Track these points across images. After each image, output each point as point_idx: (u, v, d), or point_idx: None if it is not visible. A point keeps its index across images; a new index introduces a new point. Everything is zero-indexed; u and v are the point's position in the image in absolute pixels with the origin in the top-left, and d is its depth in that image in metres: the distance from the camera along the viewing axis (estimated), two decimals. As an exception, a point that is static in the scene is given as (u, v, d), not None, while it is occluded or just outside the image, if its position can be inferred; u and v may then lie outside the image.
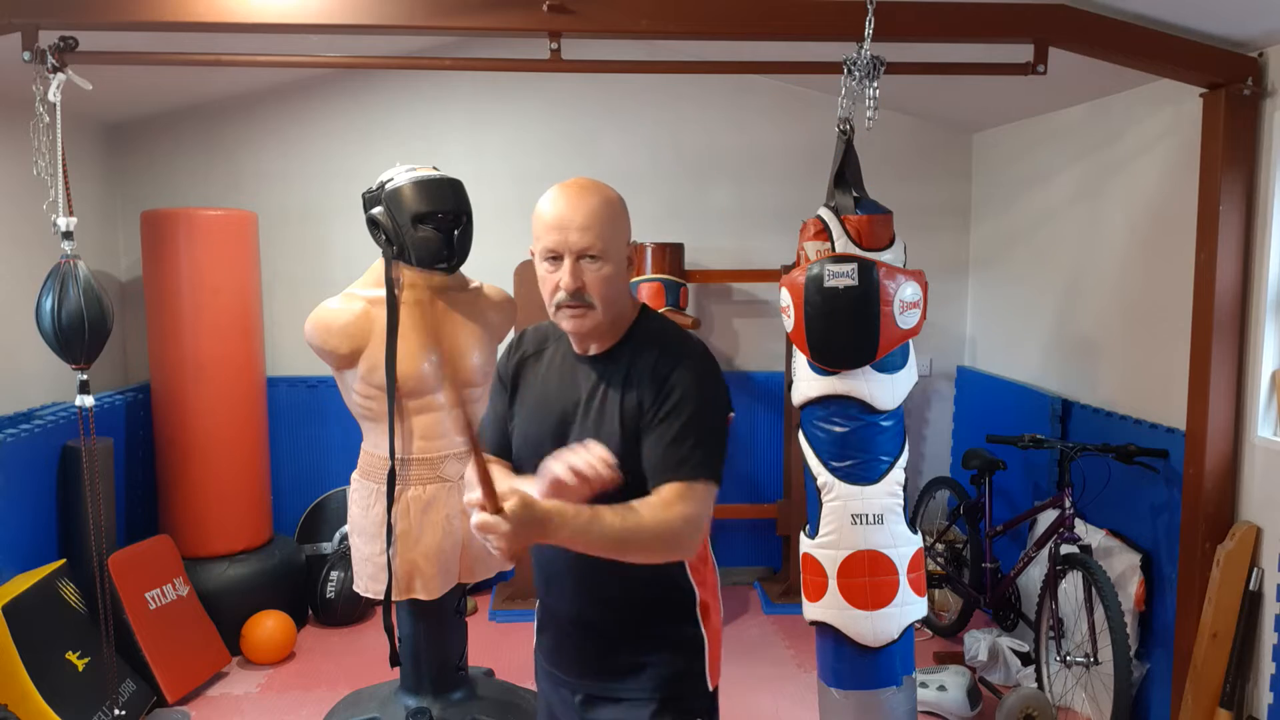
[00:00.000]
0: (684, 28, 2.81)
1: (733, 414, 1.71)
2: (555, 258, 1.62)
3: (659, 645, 1.70)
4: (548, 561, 1.73)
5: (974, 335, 4.99)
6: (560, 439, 1.65)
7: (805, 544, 2.73)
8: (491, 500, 1.37)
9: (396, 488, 2.90)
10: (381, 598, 2.94)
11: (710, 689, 1.74)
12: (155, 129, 4.62)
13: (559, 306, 1.64)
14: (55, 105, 2.65)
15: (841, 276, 2.55)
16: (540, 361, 1.78)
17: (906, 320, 2.61)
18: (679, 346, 1.68)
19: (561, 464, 1.48)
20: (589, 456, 1.48)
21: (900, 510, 2.67)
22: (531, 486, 1.50)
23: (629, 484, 1.56)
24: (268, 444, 4.36)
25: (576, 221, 1.60)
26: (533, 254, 1.69)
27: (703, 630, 1.72)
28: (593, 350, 1.70)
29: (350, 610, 4.32)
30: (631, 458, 1.60)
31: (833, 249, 2.62)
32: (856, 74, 2.69)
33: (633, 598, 1.69)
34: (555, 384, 1.72)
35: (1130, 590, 3.30)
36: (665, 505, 1.53)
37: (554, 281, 1.63)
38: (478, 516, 1.38)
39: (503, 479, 1.59)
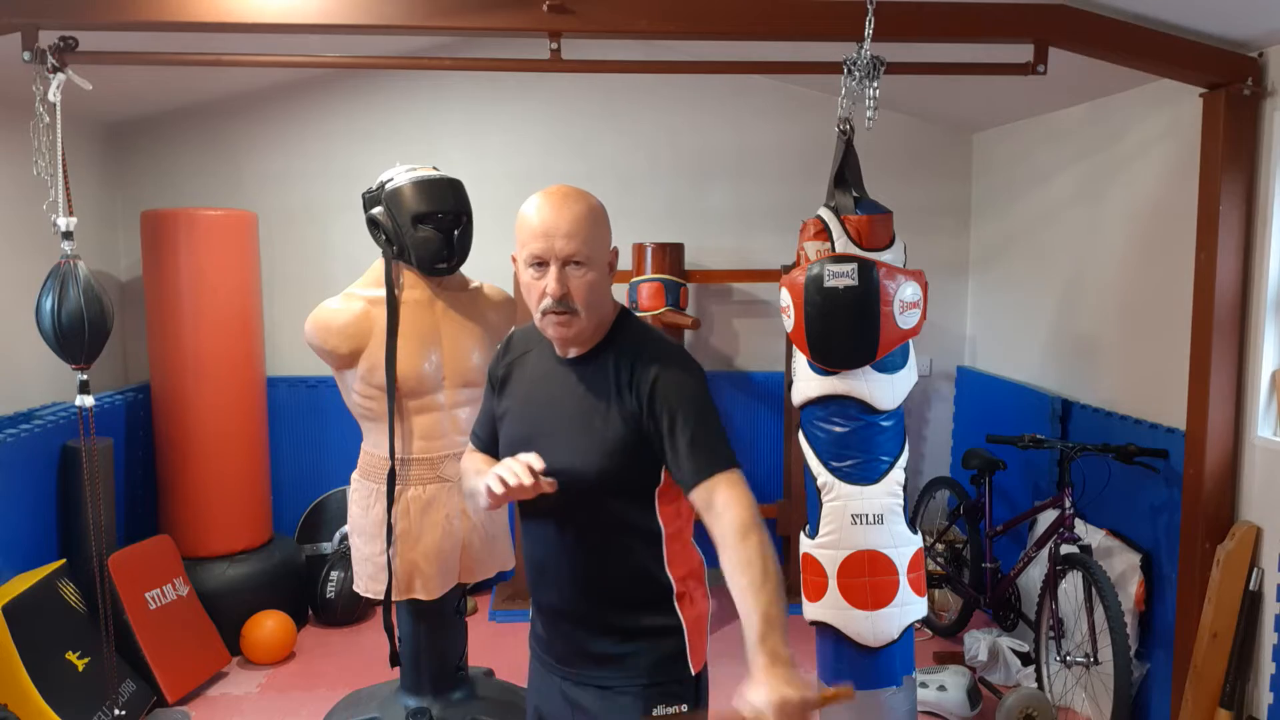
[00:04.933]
0: (684, 28, 2.81)
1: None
2: (541, 264, 1.65)
3: (640, 635, 1.75)
4: (539, 556, 1.78)
5: (974, 335, 4.99)
6: (543, 440, 1.70)
7: (805, 544, 2.73)
8: None
9: (396, 488, 2.90)
10: (381, 598, 2.94)
11: (693, 674, 1.78)
12: (155, 129, 4.62)
13: (545, 313, 1.66)
14: (55, 105, 2.65)
15: (841, 276, 2.55)
16: (526, 364, 1.82)
17: (906, 320, 2.61)
18: (659, 350, 1.72)
19: (492, 477, 1.60)
20: (514, 465, 1.59)
21: (900, 510, 2.67)
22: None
23: (619, 478, 1.68)
24: (268, 444, 4.36)
25: (562, 229, 1.63)
26: (514, 260, 1.72)
27: (681, 618, 1.76)
28: (573, 353, 1.74)
29: (350, 610, 4.32)
30: (621, 455, 1.67)
31: (833, 249, 2.62)
32: (856, 74, 2.69)
33: (615, 590, 1.74)
34: (540, 387, 1.77)
35: (1130, 590, 3.30)
36: (733, 505, 1.58)
37: (540, 288, 1.65)
38: None
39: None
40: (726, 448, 1.65)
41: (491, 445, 1.85)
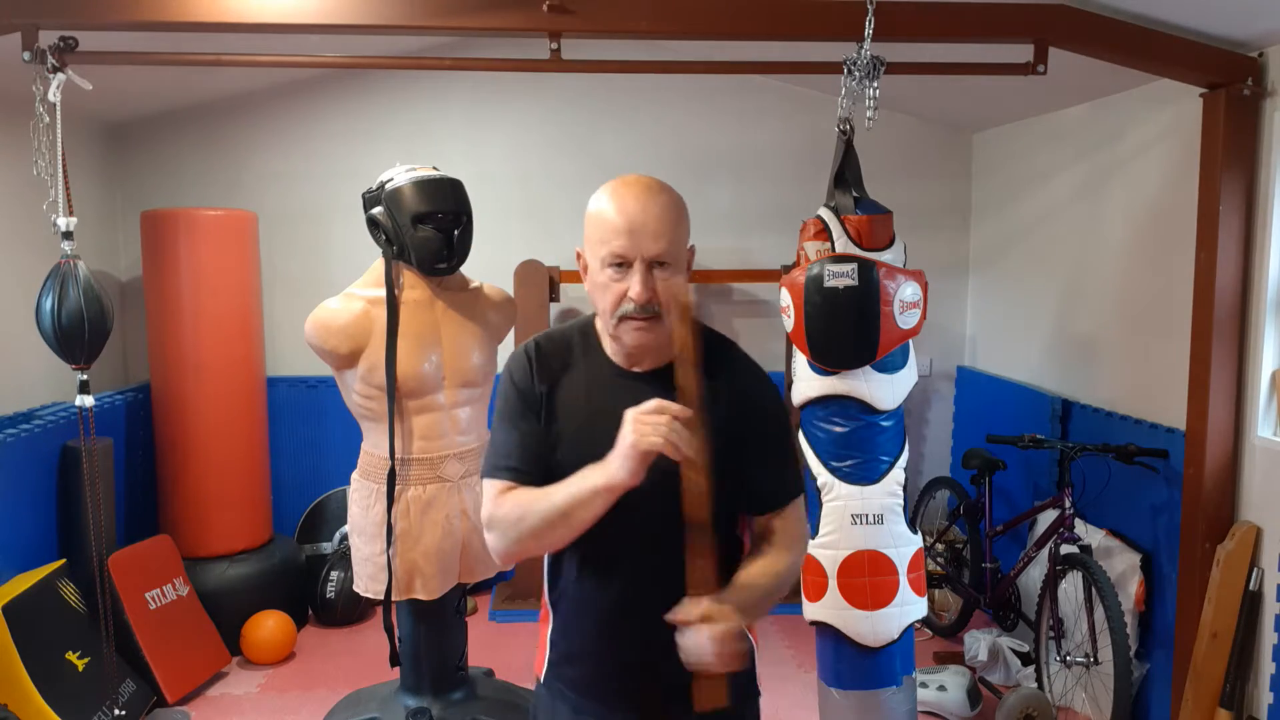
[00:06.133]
0: (684, 28, 2.81)
1: None
2: (621, 264, 1.48)
3: None
4: (613, 600, 1.57)
5: (974, 335, 4.99)
6: None
7: (805, 544, 2.73)
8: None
9: (396, 488, 2.90)
10: (381, 598, 2.94)
11: (760, 691, 1.72)
12: (155, 129, 4.62)
13: (624, 318, 1.49)
14: (55, 105, 2.65)
15: (841, 276, 2.55)
16: (574, 377, 1.58)
17: (906, 320, 2.61)
18: (744, 363, 1.66)
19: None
20: (665, 423, 1.36)
21: (900, 510, 2.67)
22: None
23: (719, 493, 1.46)
24: (268, 444, 4.36)
25: (650, 227, 1.47)
26: (579, 257, 1.56)
27: (750, 636, 1.63)
28: (643, 366, 1.56)
29: (350, 610, 4.32)
30: (718, 469, 1.46)
31: (833, 249, 2.62)
32: (856, 74, 2.69)
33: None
34: (608, 402, 1.49)
35: (1130, 590, 3.30)
36: (793, 527, 1.59)
37: (620, 290, 1.48)
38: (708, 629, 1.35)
39: None
40: (799, 471, 1.63)
41: (540, 472, 1.53)
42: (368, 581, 3.00)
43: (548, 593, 1.68)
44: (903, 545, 2.65)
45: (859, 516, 2.62)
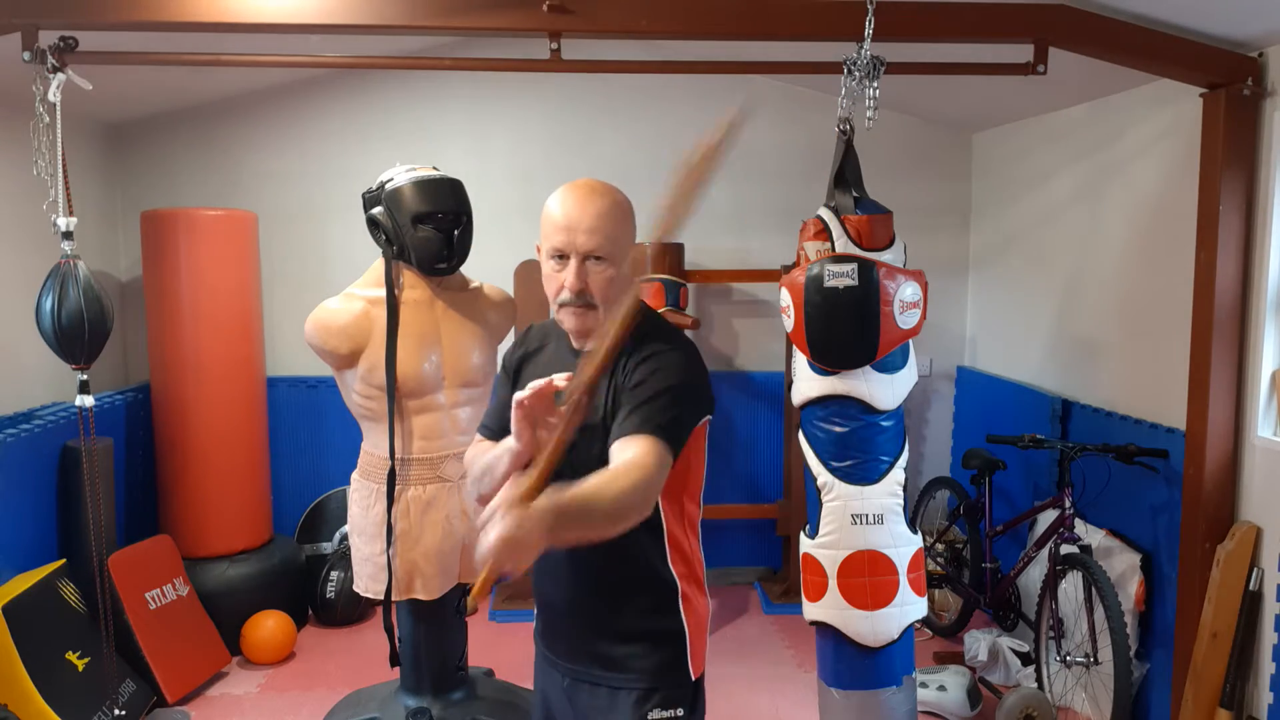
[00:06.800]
0: (684, 28, 2.81)
1: (710, 416, 1.72)
2: (561, 257, 1.67)
3: (641, 636, 1.74)
4: (542, 562, 1.70)
5: (974, 335, 4.99)
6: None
7: (805, 544, 2.73)
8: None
9: (396, 488, 2.90)
10: (381, 598, 2.95)
11: (692, 679, 1.76)
12: (155, 129, 4.62)
13: (562, 305, 1.69)
14: (55, 105, 2.65)
15: (841, 276, 2.55)
16: (541, 356, 1.82)
17: (906, 320, 2.61)
18: (668, 337, 1.72)
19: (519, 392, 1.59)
20: (536, 381, 1.58)
21: (900, 510, 2.67)
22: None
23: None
24: (268, 444, 4.36)
25: (584, 223, 1.65)
26: (538, 250, 1.73)
27: (684, 621, 1.75)
28: (589, 346, 1.72)
29: (350, 610, 4.32)
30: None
31: (833, 249, 2.62)
32: (856, 74, 2.69)
33: (617, 584, 1.73)
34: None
35: (1130, 590, 3.30)
36: (633, 456, 1.52)
37: (559, 281, 1.68)
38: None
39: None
40: (668, 420, 1.58)
41: (502, 435, 1.74)
42: (368, 581, 3.00)
43: None
44: (903, 545, 2.66)
45: (859, 516, 2.62)
